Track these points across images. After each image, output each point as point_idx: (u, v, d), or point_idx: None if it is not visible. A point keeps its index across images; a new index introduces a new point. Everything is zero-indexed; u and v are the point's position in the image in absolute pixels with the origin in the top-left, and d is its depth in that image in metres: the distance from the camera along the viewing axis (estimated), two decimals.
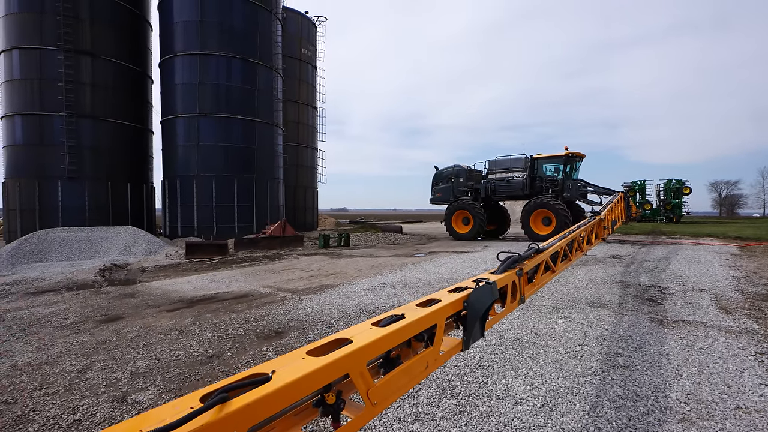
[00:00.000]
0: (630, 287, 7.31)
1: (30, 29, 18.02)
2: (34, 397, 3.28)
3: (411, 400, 3.09)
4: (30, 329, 5.25)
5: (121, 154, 20.14)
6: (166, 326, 5.24)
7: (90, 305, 6.58)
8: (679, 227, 27.77)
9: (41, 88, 18.09)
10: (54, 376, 3.71)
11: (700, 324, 5.02)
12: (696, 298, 6.37)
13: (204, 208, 19.80)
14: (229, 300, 6.78)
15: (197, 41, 19.74)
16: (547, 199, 17.16)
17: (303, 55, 29.86)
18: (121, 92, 20.13)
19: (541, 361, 3.85)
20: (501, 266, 2.37)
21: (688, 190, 35.38)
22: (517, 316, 5.36)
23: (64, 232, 14.44)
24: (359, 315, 5.61)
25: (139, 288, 8.15)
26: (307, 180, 30.87)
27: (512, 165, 19.34)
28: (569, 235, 4.04)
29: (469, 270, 9.62)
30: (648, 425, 2.71)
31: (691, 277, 8.22)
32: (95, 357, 4.17)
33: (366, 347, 1.25)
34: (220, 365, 3.91)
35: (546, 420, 2.79)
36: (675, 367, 3.69)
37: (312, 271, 10.01)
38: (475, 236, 19.12)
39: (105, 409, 3.07)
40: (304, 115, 30.37)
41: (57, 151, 18.06)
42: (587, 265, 9.98)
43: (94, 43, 18.88)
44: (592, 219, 5.80)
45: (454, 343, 1.84)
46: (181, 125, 20.17)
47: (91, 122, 18.87)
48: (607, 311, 5.66)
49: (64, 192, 18.32)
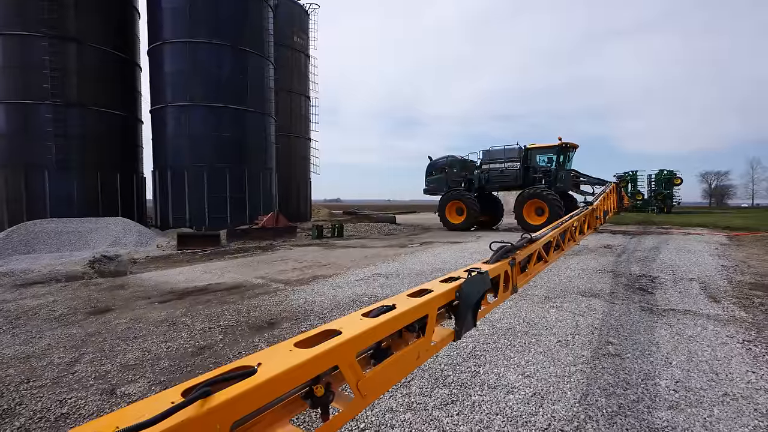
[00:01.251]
0: (621, 276, 7.38)
1: (11, 14, 17.44)
2: (20, 391, 3.23)
3: (403, 390, 3.09)
4: (17, 322, 5.16)
5: (110, 143, 19.71)
6: (157, 318, 5.19)
7: (79, 297, 6.49)
8: (669, 217, 28.10)
9: (25, 76, 17.57)
10: (41, 369, 3.65)
11: (690, 312, 5.08)
12: (686, 287, 6.44)
13: (195, 199, 19.54)
14: (221, 291, 6.73)
15: (186, 28, 19.26)
16: (540, 190, 17.22)
17: (295, 44, 29.38)
18: (108, 80, 19.62)
19: (533, 350, 3.87)
20: (494, 256, 2.35)
21: (679, 181, 35.78)
22: (510, 305, 5.39)
23: (52, 224, 14.20)
24: (352, 305, 5.60)
25: (129, 279, 8.06)
26: (300, 170, 30.60)
27: (506, 155, 19.33)
28: (562, 225, 4.03)
29: (463, 260, 9.65)
30: (638, 412, 2.74)
31: (681, 266, 8.32)
32: (84, 349, 4.11)
33: (355, 338, 1.22)
34: (211, 357, 3.88)
35: (537, 408, 2.81)
36: (664, 355, 3.73)
37: (305, 261, 9.97)
38: (469, 226, 19.17)
39: (93, 402, 3.03)
40: (296, 104, 29.99)
41: (43, 141, 17.66)
42: (579, 254, 10.05)
43: (80, 29, 18.31)
44: (584, 209, 5.81)
45: (446, 333, 1.82)
46: (171, 114, 19.78)
47: (79, 111, 18.41)
48: (598, 300, 5.70)
49: (51, 182, 17.94)
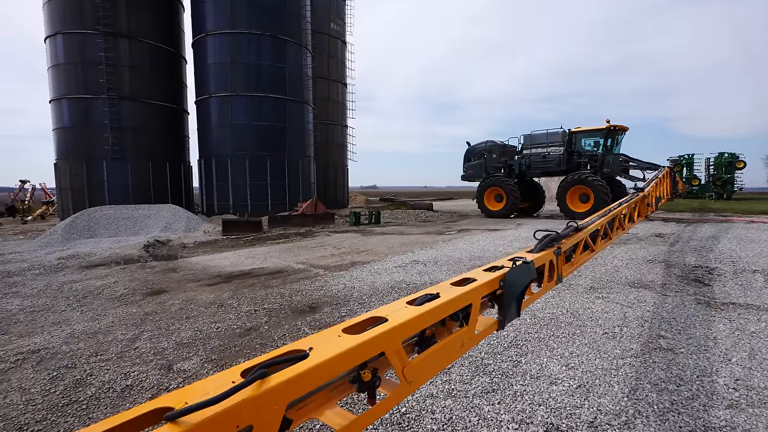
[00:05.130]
0: (674, 267, 6.96)
1: (71, 14, 18.66)
2: (90, 363, 3.54)
3: (443, 377, 3.11)
4: (84, 300, 5.64)
5: (159, 134, 20.88)
6: (207, 300, 5.49)
7: (137, 279, 6.98)
8: (729, 204, 26.03)
9: (84, 72, 18.84)
10: (107, 344, 3.98)
11: (752, 307, 4.73)
12: (748, 279, 5.99)
13: (238, 186, 20.33)
14: (264, 275, 7.00)
15: (228, 19, 19.82)
16: (585, 175, 16.43)
17: (332, 30, 29.42)
18: (157, 73, 20.67)
19: (578, 341, 3.76)
20: (538, 245, 2.29)
21: (742, 164, 32.89)
22: (552, 295, 5.24)
23: (111, 210, 15.28)
24: (391, 292, 5.65)
25: (180, 263, 8.55)
26: (338, 157, 30.97)
27: (548, 140, 18.53)
28: (610, 212, 3.84)
29: (502, 248, 9.45)
30: (693, 410, 2.60)
31: (743, 257, 7.72)
32: (143, 327, 4.44)
33: (401, 326, 1.24)
34: (257, 338, 4.06)
35: (582, 401, 2.74)
36: (723, 351, 3.50)
37: (343, 248, 10.15)
38: (508, 214, 18.69)
39: (153, 376, 3.28)
40: (333, 91, 30.17)
41: (101, 133, 18.94)
42: (628, 243, 9.57)
43: (131, 26, 19.36)
44: (635, 195, 5.50)
45: (490, 323, 1.80)
46: (215, 105, 20.56)
47: (131, 104, 19.57)
48: (648, 292, 5.42)
49: (109, 171, 19.30)
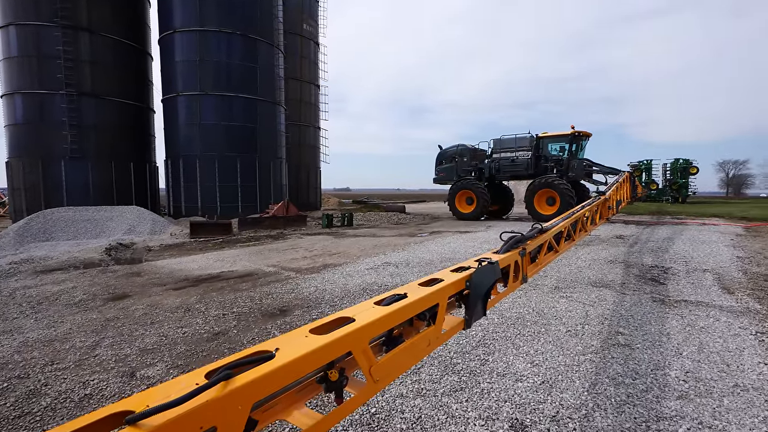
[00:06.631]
0: (633, 267, 7.32)
1: (25, 5, 17.63)
2: (45, 372, 3.36)
3: (413, 377, 3.15)
4: (39, 307, 5.34)
5: (123, 133, 20.01)
6: (173, 304, 5.32)
7: (97, 284, 6.68)
8: (684, 207, 27.58)
9: (40, 66, 17.84)
10: (64, 352, 3.80)
11: (702, 304, 5.04)
12: (699, 278, 6.38)
13: (207, 188, 19.78)
14: (234, 279, 6.85)
15: (196, 17, 19.28)
16: (551, 179, 17.02)
17: (305, 31, 29.18)
18: (121, 70, 19.83)
19: (542, 339, 3.90)
20: (504, 246, 2.37)
21: (695, 170, 34.97)
22: (519, 295, 5.40)
23: (69, 212, 14.53)
24: (362, 294, 5.66)
25: (145, 267, 8.24)
26: (310, 159, 30.68)
27: (517, 144, 19.08)
28: (573, 215, 4.01)
29: (472, 250, 9.65)
30: (646, 402, 2.76)
31: (695, 257, 8.22)
32: (104, 334, 4.26)
33: (368, 326, 1.26)
34: (225, 342, 3.98)
35: (546, 396, 2.84)
36: (675, 345, 3.72)
37: (315, 250, 10.07)
38: (479, 216, 19.09)
39: (115, 384, 3.15)
40: (306, 93, 29.92)
41: (59, 130, 17.97)
42: (591, 244, 9.98)
43: (92, 19, 18.48)
44: (597, 199, 5.75)
45: (456, 322, 1.85)
46: (183, 103, 19.93)
47: (92, 101, 18.68)
48: (609, 291, 5.68)
49: (67, 171, 18.32)
